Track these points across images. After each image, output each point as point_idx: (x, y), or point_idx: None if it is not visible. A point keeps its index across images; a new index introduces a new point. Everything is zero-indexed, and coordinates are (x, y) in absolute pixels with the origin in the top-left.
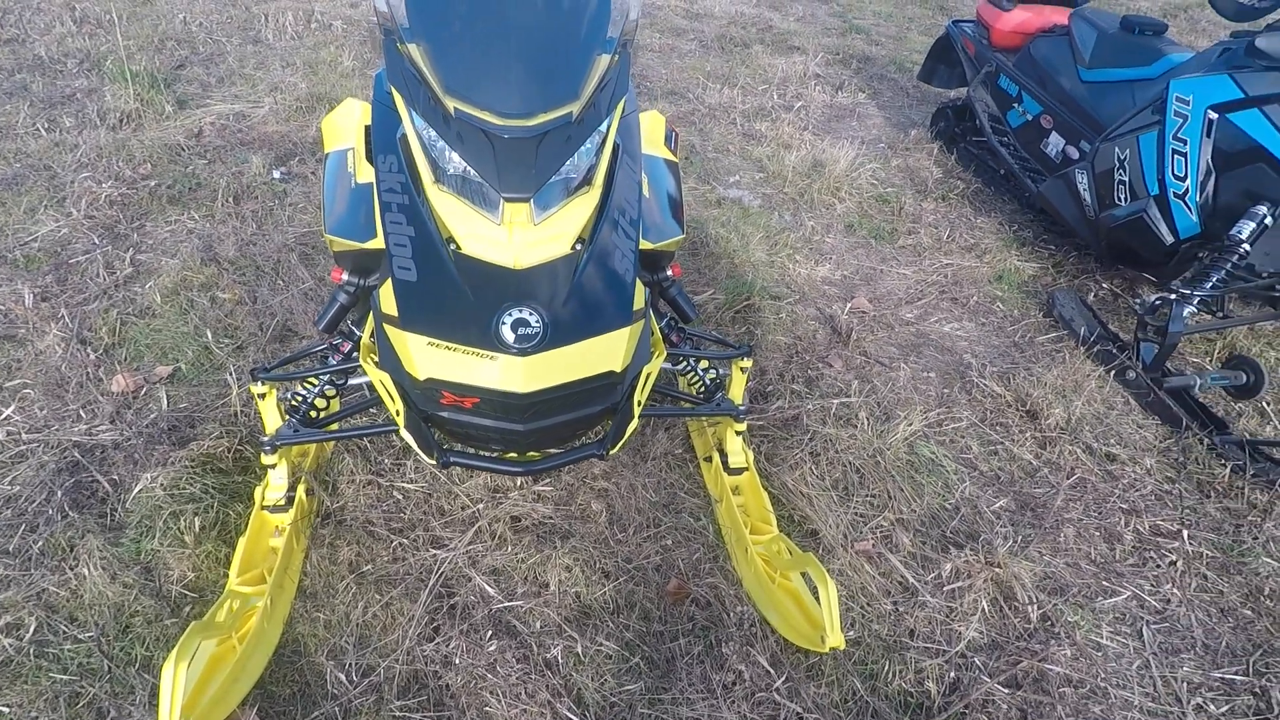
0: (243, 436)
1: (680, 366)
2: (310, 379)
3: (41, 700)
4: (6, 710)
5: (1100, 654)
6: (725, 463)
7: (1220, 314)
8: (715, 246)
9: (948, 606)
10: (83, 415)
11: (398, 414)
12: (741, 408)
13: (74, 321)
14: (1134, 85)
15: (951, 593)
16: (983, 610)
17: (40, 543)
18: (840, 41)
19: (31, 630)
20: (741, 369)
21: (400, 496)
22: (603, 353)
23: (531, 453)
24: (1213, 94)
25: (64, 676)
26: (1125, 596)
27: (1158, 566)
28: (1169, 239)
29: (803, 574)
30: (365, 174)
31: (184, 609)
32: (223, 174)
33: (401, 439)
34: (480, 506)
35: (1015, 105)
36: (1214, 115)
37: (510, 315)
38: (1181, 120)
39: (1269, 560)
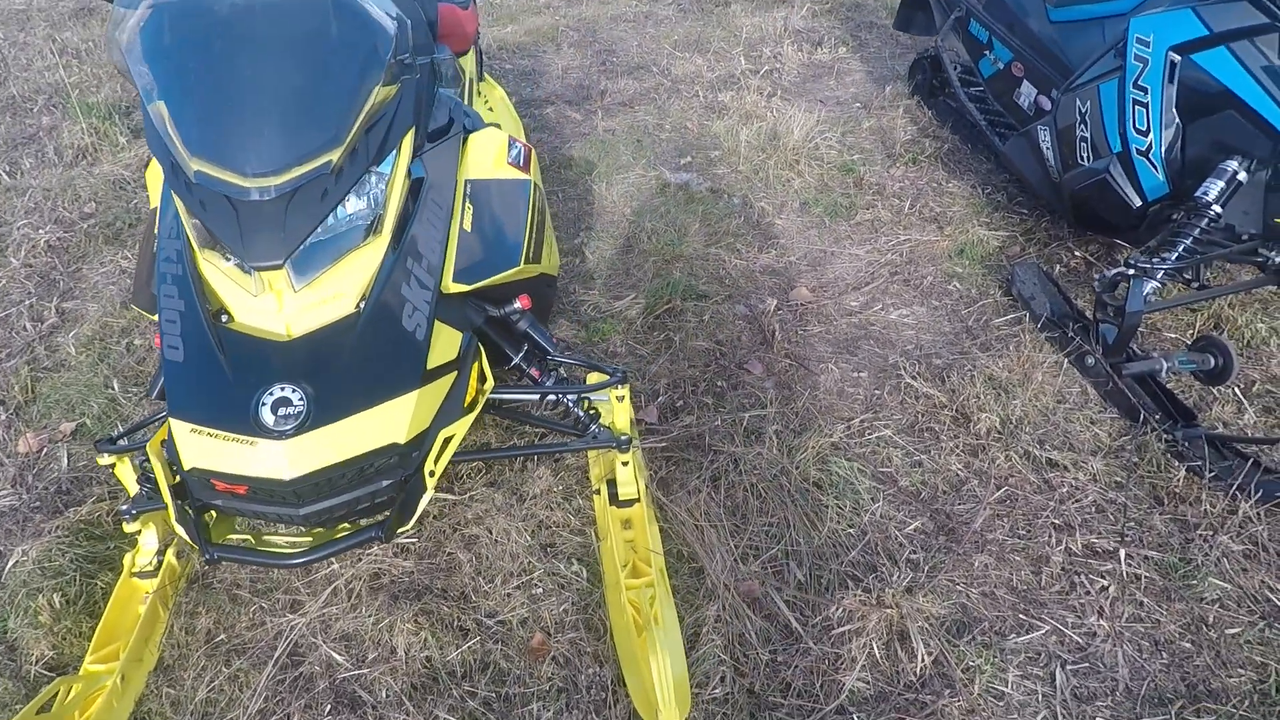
0: (123, 498)
1: (551, 398)
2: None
3: None
4: None
5: (1001, 703)
6: (614, 494)
7: (1197, 284)
8: (648, 242)
9: (833, 653)
10: None
11: (168, 505)
12: (624, 437)
13: None
14: (1104, 23)
15: (839, 637)
16: (871, 656)
17: None
18: None
19: None
20: (619, 397)
21: None
22: (382, 424)
23: (341, 528)
24: (1174, 32)
25: None
26: (1043, 632)
27: (1086, 594)
28: (1136, 201)
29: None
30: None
31: (41, 689)
32: None
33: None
34: (339, 565)
35: (986, 52)
36: (1176, 57)
37: (270, 395)
38: (1142, 65)
39: (1217, 582)
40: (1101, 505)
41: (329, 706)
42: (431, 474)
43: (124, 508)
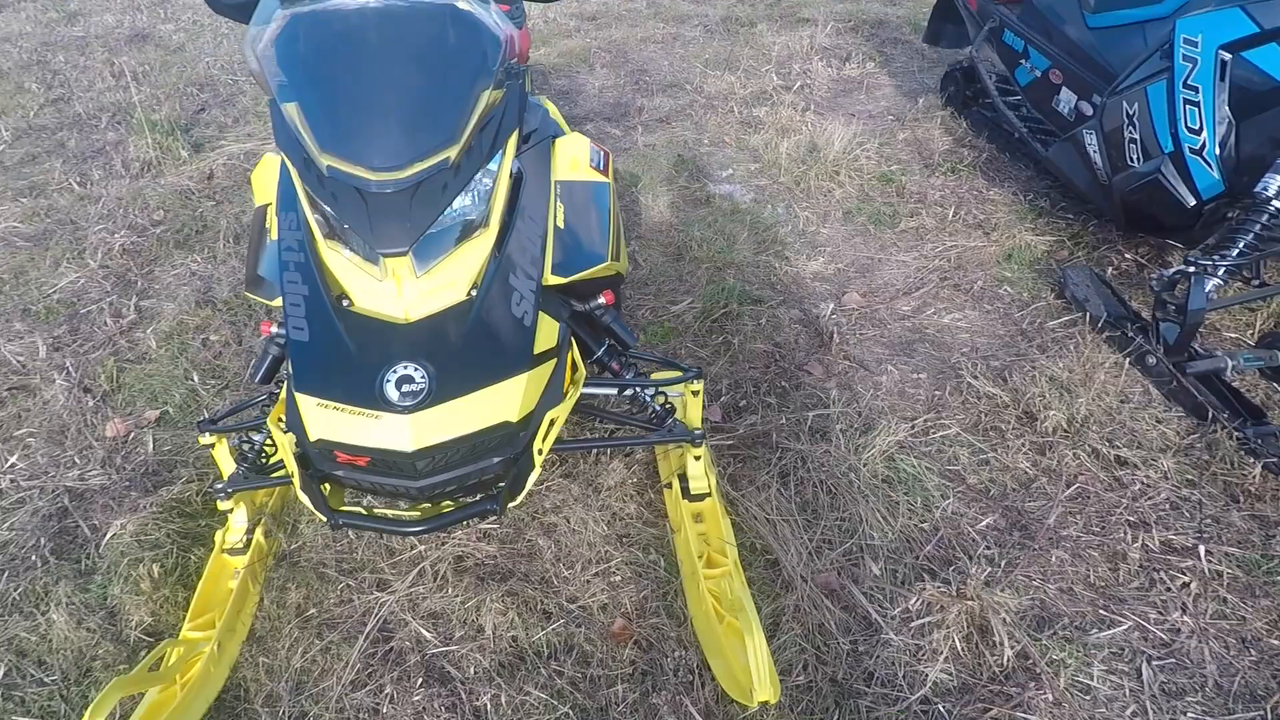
0: (211, 480)
1: (629, 393)
2: (257, 428)
3: None
4: None
5: (1088, 698)
6: (685, 488)
7: (1257, 282)
8: (699, 250)
9: (914, 645)
10: (77, 461)
11: (293, 475)
12: (698, 432)
13: (78, 371)
14: (1145, 27)
15: (920, 629)
16: (953, 649)
17: (20, 588)
18: (853, 7)
19: (1, 675)
20: (694, 392)
21: (354, 536)
22: (497, 403)
23: (445, 504)
24: (1223, 31)
25: (26, 719)
26: (1125, 627)
27: (1167, 590)
28: (1190, 200)
29: None
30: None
31: (140, 652)
32: (226, 214)
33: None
34: (425, 548)
35: (1023, 61)
36: (1227, 56)
37: (395, 372)
38: (1191, 65)
39: None
40: (1176, 502)
41: (420, 680)
42: (539, 452)
43: (218, 486)
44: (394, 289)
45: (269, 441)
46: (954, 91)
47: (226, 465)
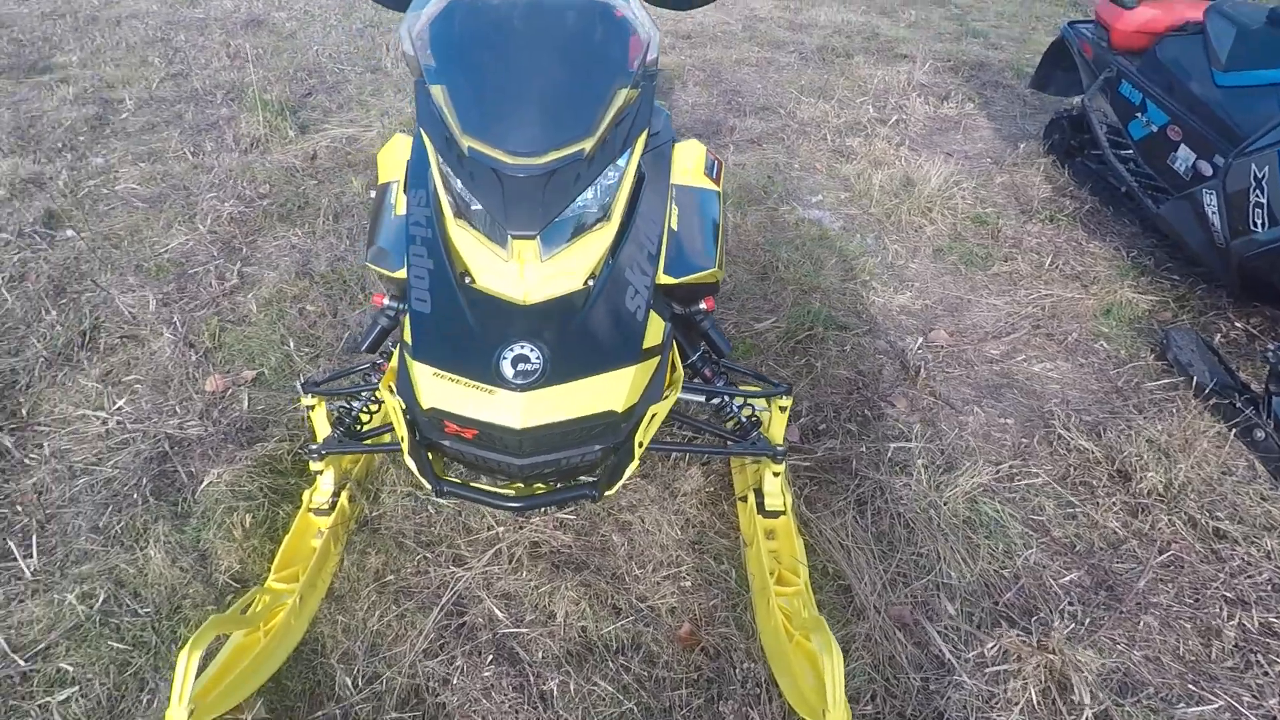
0: (303, 441)
1: (716, 402)
2: (356, 394)
3: (98, 664)
4: (70, 668)
5: None
6: (761, 504)
7: None
8: (785, 271)
9: (988, 691)
10: (178, 411)
11: (403, 440)
12: (780, 448)
13: (184, 326)
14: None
15: (994, 676)
16: (1029, 701)
17: (122, 522)
18: (953, 47)
19: (101, 601)
20: (781, 408)
21: (433, 511)
22: (605, 391)
23: (536, 485)
24: None
25: (120, 645)
26: (1216, 707)
27: (1265, 674)
28: None
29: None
30: (404, 207)
31: (227, 597)
32: (327, 194)
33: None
34: (502, 529)
35: (1138, 114)
36: None
37: (512, 351)
38: None
39: None
40: (1279, 585)
41: (490, 657)
42: (640, 445)
43: (312, 448)
44: (516, 270)
45: (365, 409)
46: (1058, 139)
47: (322, 428)
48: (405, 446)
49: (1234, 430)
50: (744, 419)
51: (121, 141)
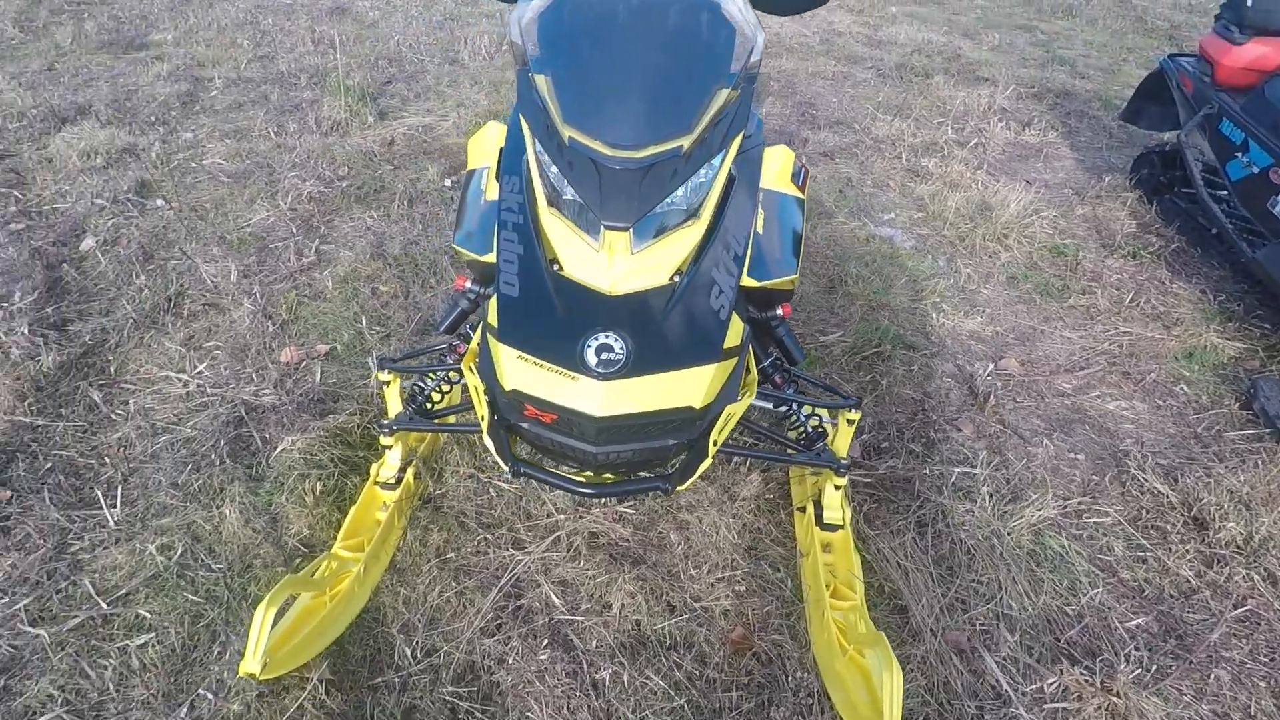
0: (372, 416)
1: (782, 410)
2: (430, 374)
3: (174, 614)
4: (148, 615)
5: None
6: (820, 516)
7: None
8: (853, 286)
9: None
10: (254, 378)
11: (483, 419)
12: (844, 461)
13: (263, 298)
14: None
15: (1053, 713)
16: None
17: (200, 481)
18: (1037, 73)
19: (178, 554)
20: (849, 421)
21: (495, 494)
22: (684, 387)
23: (606, 475)
24: None
25: (194, 597)
26: None
27: None
28: None
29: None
30: (494, 192)
31: (295, 560)
32: (403, 179)
33: (483, 443)
34: (562, 517)
35: (1238, 155)
36: None
37: (596, 339)
38: None
39: None
40: None
41: (545, 641)
42: (714, 443)
43: (383, 423)
44: (605, 261)
45: (437, 389)
46: (1147, 174)
47: (394, 404)
48: (484, 426)
49: None
50: (810, 429)
51: (210, 118)
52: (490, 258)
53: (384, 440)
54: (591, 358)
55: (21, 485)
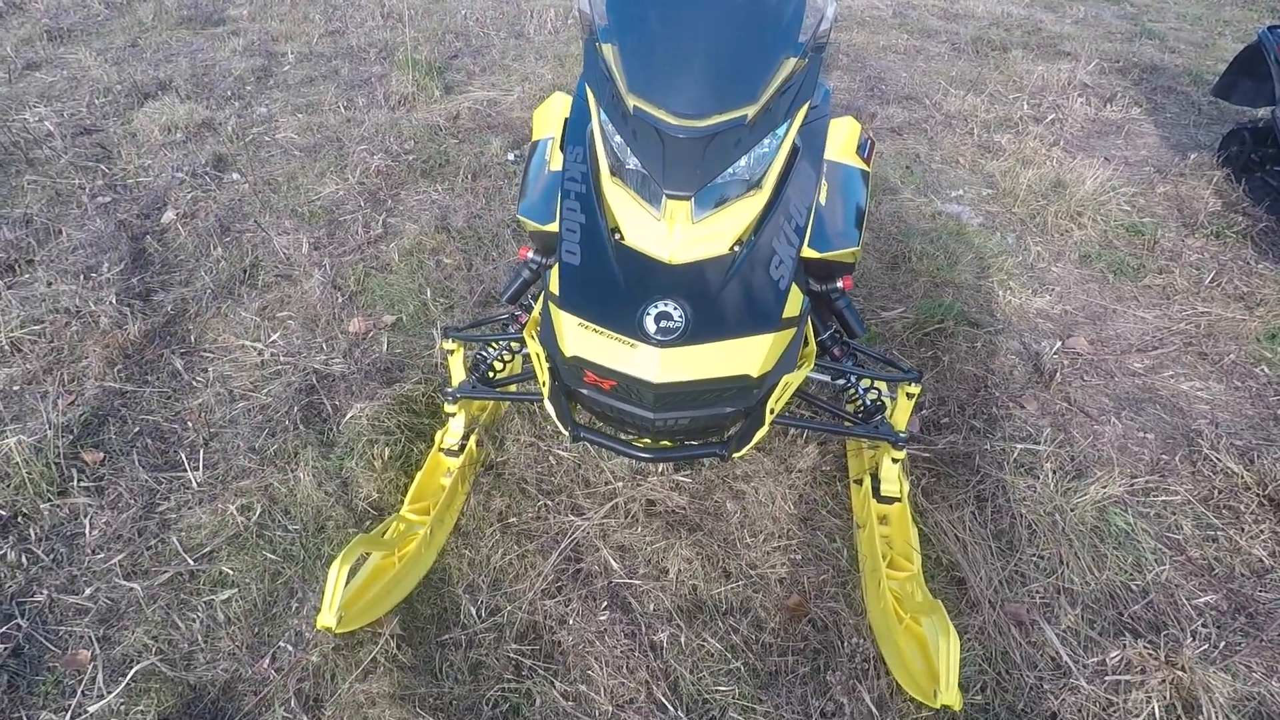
0: (436, 385)
1: (841, 382)
2: (492, 343)
3: (254, 571)
4: (231, 571)
5: None
6: (877, 489)
7: None
8: (918, 263)
9: (1106, 699)
10: (325, 348)
11: (544, 385)
12: (903, 435)
13: (332, 270)
14: None
15: (1115, 685)
16: (1152, 714)
17: (275, 446)
18: (1124, 47)
19: (257, 514)
20: (908, 395)
21: (554, 462)
22: (742, 355)
23: (664, 441)
24: None
25: (272, 556)
26: None
27: None
28: None
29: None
30: (558, 163)
31: (365, 522)
32: (467, 153)
33: (544, 408)
34: (620, 485)
35: None
36: None
37: (656, 307)
38: None
39: None
40: None
41: (605, 603)
42: (771, 412)
43: (447, 390)
44: (665, 230)
45: (499, 358)
46: (1236, 151)
47: (458, 373)
48: (545, 392)
49: None
50: (868, 402)
51: (283, 93)
52: (553, 227)
53: (448, 408)
54: (651, 325)
55: (113, 448)
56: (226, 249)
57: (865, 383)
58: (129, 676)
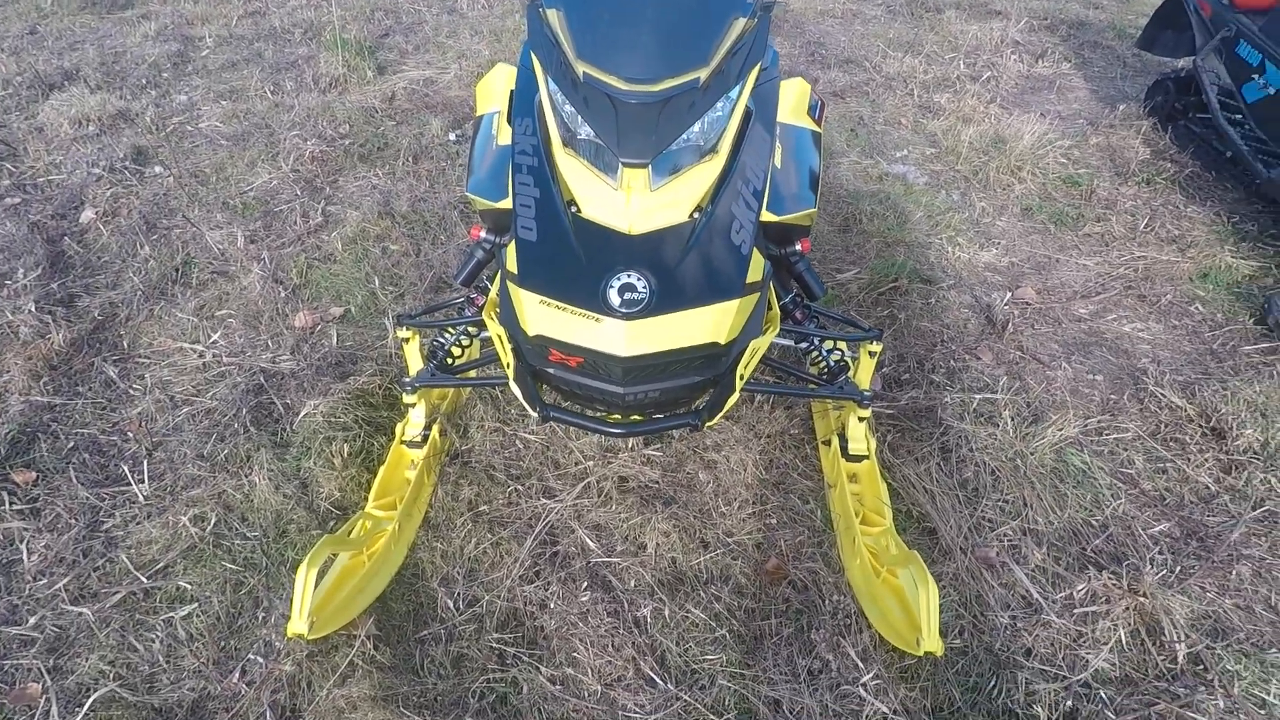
0: (393, 376)
1: (804, 345)
2: (449, 328)
3: (214, 583)
4: (189, 586)
5: (1263, 712)
6: (845, 448)
7: None
8: (868, 224)
9: (1076, 630)
10: (270, 345)
11: (508, 366)
12: (868, 394)
13: (272, 263)
14: None
15: (1083, 616)
16: (1119, 641)
17: (225, 450)
18: (1051, 5)
19: (212, 524)
20: (870, 353)
21: (521, 446)
22: (708, 323)
23: (634, 415)
24: None
25: (233, 566)
26: None
27: None
28: None
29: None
30: (506, 137)
31: (329, 522)
32: (406, 135)
33: (508, 392)
34: (591, 464)
35: (1255, 77)
36: None
37: (619, 279)
38: None
39: None
40: None
41: (585, 583)
42: (741, 378)
43: (405, 380)
44: (623, 200)
45: (457, 344)
46: (1161, 101)
47: (415, 362)
48: (510, 373)
49: None
50: (832, 363)
51: (203, 79)
52: (505, 204)
53: (406, 398)
54: (614, 298)
55: (46, 466)
56: (154, 247)
57: (828, 344)
58: (86, 706)
